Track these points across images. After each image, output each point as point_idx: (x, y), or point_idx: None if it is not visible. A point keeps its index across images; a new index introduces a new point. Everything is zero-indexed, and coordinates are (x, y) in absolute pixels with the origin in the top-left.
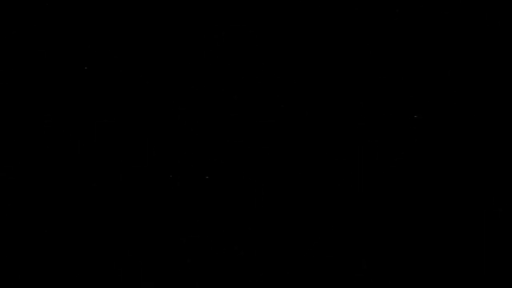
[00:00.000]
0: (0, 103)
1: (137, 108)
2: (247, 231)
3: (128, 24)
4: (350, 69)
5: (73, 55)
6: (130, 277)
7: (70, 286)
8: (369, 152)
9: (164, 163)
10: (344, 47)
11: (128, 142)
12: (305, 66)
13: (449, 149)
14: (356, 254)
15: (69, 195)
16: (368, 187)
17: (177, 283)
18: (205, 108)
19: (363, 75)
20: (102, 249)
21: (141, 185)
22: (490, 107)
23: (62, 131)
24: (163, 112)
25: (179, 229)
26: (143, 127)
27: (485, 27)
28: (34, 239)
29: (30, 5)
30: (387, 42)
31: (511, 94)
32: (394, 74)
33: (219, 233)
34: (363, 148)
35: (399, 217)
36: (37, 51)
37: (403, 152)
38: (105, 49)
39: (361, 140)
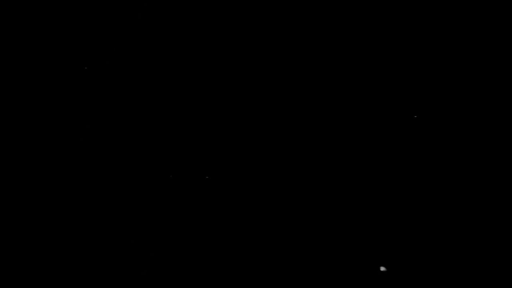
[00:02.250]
0: (0, 103)
1: (137, 108)
2: (247, 231)
3: (128, 24)
4: (350, 69)
5: (73, 55)
6: (130, 277)
7: (70, 286)
8: (369, 152)
9: (164, 163)
10: (344, 47)
11: (128, 142)
12: (305, 66)
13: (449, 149)
14: (356, 254)
15: (69, 195)
16: (368, 187)
17: (177, 283)
18: (205, 108)
19: (363, 75)
20: (102, 249)
21: (141, 185)
22: (490, 107)
23: (62, 131)
24: (163, 112)
25: (179, 229)
26: (143, 127)
27: (485, 27)
28: (34, 239)
29: (30, 5)
30: (387, 42)
31: (511, 94)
32: (394, 74)
33: (219, 233)
34: (363, 148)
35: (399, 217)
36: (37, 51)
37: (403, 152)
38: (105, 49)
39: (361, 140)
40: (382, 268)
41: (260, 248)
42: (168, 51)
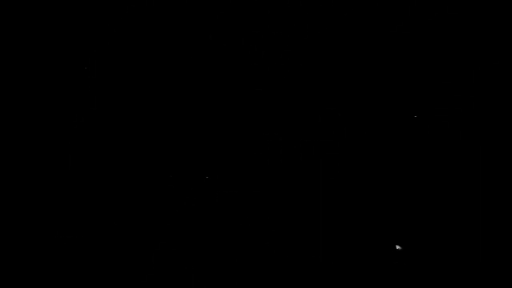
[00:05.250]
0: (0, 103)
1: (137, 108)
2: (247, 231)
3: (128, 24)
4: (350, 69)
5: (73, 55)
6: (129, 276)
7: (70, 286)
8: (369, 152)
9: (164, 163)
10: (344, 47)
11: (128, 142)
12: (305, 66)
13: (448, 149)
14: (356, 253)
15: (68, 195)
16: (368, 187)
17: (177, 283)
18: (205, 108)
19: (363, 75)
20: (102, 249)
21: (141, 185)
22: (490, 107)
23: (62, 131)
24: (163, 112)
25: (179, 229)
26: (143, 127)
27: (485, 27)
28: (34, 239)
29: (30, 5)
30: (387, 42)
31: (511, 94)
32: (394, 74)
33: (219, 233)
34: (363, 148)
35: (399, 216)
36: (37, 51)
37: (402, 152)
38: (105, 49)
39: (360, 140)
40: (398, 247)
41: (261, 248)
42: (168, 51)
